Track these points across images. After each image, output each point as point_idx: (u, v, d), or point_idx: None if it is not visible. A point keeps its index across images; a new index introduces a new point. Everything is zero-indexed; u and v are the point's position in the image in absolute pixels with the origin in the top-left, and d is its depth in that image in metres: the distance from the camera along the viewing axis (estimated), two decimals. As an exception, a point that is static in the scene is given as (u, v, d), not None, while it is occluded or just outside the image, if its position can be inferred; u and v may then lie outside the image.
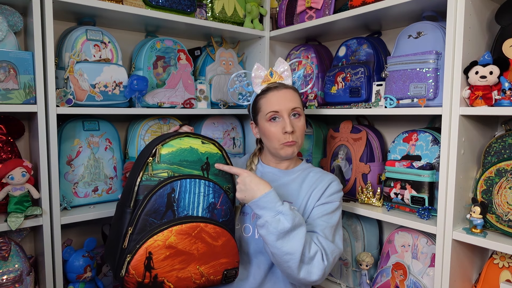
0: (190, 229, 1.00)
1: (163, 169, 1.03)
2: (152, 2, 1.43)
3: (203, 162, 1.09)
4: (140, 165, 1.02)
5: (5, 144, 1.27)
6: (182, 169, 1.06)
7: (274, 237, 1.02)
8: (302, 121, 1.24)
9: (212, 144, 1.11)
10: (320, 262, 1.05)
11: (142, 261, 0.95)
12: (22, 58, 1.17)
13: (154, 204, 0.99)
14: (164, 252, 0.97)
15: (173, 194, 1.01)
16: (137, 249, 0.95)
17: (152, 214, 0.98)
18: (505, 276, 1.19)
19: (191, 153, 1.07)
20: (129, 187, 1.03)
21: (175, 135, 1.07)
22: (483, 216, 1.14)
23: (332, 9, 1.54)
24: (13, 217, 1.16)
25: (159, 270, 0.97)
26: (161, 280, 0.98)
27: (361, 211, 1.41)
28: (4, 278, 1.17)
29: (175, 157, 1.05)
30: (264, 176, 1.27)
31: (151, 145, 1.06)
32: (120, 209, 1.05)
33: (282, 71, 1.26)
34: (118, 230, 1.01)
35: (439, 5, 1.24)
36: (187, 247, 1.00)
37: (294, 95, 1.24)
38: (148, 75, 1.46)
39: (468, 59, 1.15)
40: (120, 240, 0.99)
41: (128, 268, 0.94)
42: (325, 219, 1.15)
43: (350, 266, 1.54)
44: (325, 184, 1.21)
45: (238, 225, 1.22)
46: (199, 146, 1.09)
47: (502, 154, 1.22)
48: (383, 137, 1.64)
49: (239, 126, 1.83)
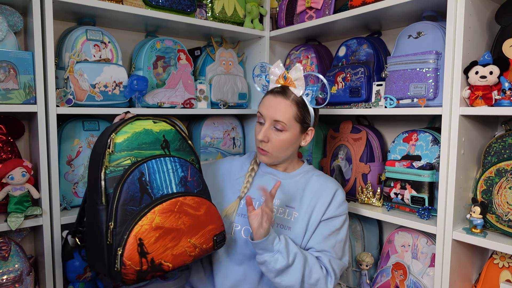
0: (171, 205, 1.00)
1: (124, 157, 1.01)
2: (152, 2, 1.43)
3: (161, 141, 1.09)
4: (99, 160, 0.99)
5: (5, 144, 1.27)
6: (143, 152, 1.05)
7: (273, 275, 1.07)
8: (284, 136, 1.17)
9: (164, 122, 1.11)
10: (323, 287, 1.10)
11: (135, 249, 0.94)
12: (22, 58, 1.17)
13: (128, 192, 0.97)
14: (153, 235, 0.96)
15: (144, 177, 1.00)
16: (126, 239, 0.93)
17: (129, 202, 0.97)
18: (505, 276, 1.19)
19: (146, 135, 1.06)
20: (93, 185, 1.00)
21: (125, 122, 1.05)
22: (483, 216, 1.14)
23: (332, 9, 1.54)
24: (13, 217, 1.16)
25: (153, 253, 0.96)
26: (159, 262, 0.97)
27: (361, 211, 1.41)
28: (4, 278, 1.17)
29: (132, 142, 1.03)
30: (264, 177, 1.27)
31: (103, 137, 1.03)
32: (90, 210, 1.01)
33: (295, 78, 1.17)
34: (96, 231, 0.98)
35: (439, 5, 1.24)
36: (174, 223, 1.00)
37: (288, 108, 1.16)
38: (148, 75, 1.46)
39: (468, 59, 1.15)
40: (102, 239, 0.96)
41: (122, 261, 0.92)
42: (334, 236, 1.17)
43: (350, 266, 1.54)
44: (329, 194, 1.19)
45: (238, 227, 1.20)
46: (153, 126, 1.08)
47: (502, 154, 1.22)
48: (383, 137, 1.64)
49: (239, 126, 1.83)
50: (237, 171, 1.32)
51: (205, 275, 1.26)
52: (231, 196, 1.25)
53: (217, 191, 1.28)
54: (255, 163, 1.30)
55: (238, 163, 1.35)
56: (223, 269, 1.21)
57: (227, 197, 1.25)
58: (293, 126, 1.17)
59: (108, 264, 0.96)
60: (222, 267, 1.21)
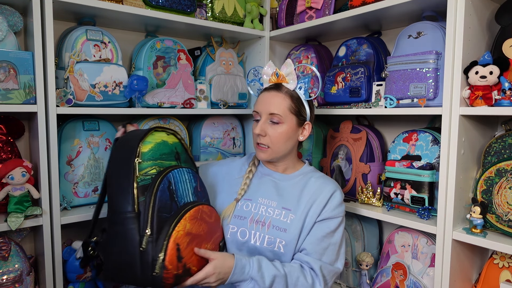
0: (195, 212, 1.05)
1: (151, 167, 1.05)
2: (152, 2, 1.43)
3: (175, 152, 1.13)
4: (130, 168, 1.02)
5: (5, 144, 1.27)
6: (164, 163, 1.09)
7: None
8: (281, 129, 1.17)
9: (173, 135, 1.16)
10: None
11: (175, 254, 0.97)
12: (22, 58, 1.17)
13: (162, 200, 1.01)
14: (186, 240, 1.00)
15: (171, 186, 1.04)
16: (166, 245, 0.97)
17: (163, 210, 1.01)
18: (505, 276, 1.19)
19: (165, 146, 1.10)
20: (124, 193, 1.01)
21: (148, 131, 1.09)
22: (483, 216, 1.14)
23: (332, 9, 1.54)
24: (13, 217, 1.16)
25: (186, 258, 1.00)
26: (189, 267, 1.01)
27: (361, 211, 1.41)
28: (4, 278, 1.17)
29: (155, 152, 1.07)
30: (262, 179, 1.26)
31: (130, 145, 1.05)
32: (118, 218, 1.00)
33: (287, 74, 1.20)
34: (125, 239, 0.98)
35: (439, 5, 1.24)
36: (197, 229, 1.05)
37: (282, 100, 1.17)
38: (148, 75, 1.46)
39: (468, 59, 1.15)
40: (133, 247, 0.97)
41: (164, 265, 0.96)
42: (327, 239, 1.14)
43: (350, 266, 1.54)
44: (326, 195, 1.17)
45: (234, 228, 1.19)
46: (167, 138, 1.13)
47: (502, 154, 1.22)
48: (383, 137, 1.64)
49: (239, 126, 1.83)
50: (236, 172, 1.31)
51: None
52: (229, 198, 1.24)
53: (216, 193, 1.28)
54: (253, 165, 1.29)
55: (238, 164, 1.34)
56: None
57: (225, 199, 1.25)
58: (289, 118, 1.18)
59: (142, 272, 0.97)
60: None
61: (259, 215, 1.18)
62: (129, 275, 0.99)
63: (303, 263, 1.12)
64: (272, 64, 1.24)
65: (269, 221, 1.17)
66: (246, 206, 1.21)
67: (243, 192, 1.23)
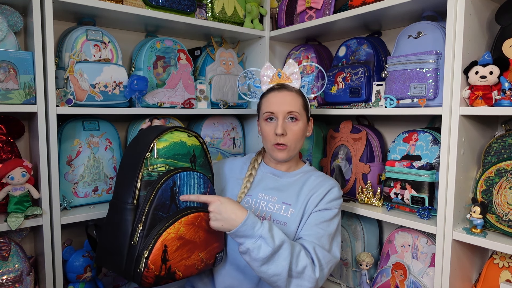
0: (194, 218, 1.04)
1: (160, 164, 1.06)
2: (152, 2, 1.43)
3: (191, 154, 1.13)
4: (139, 161, 1.03)
5: (5, 144, 1.27)
6: (176, 163, 1.09)
7: (258, 263, 1.01)
8: (298, 125, 1.21)
9: (195, 137, 1.16)
10: (310, 275, 1.03)
11: (160, 254, 0.97)
12: (22, 58, 1.17)
13: (161, 199, 1.01)
14: (176, 244, 1.00)
15: (175, 187, 1.04)
16: (153, 243, 0.97)
17: (160, 208, 1.01)
18: (505, 276, 1.19)
19: (181, 146, 1.11)
20: (128, 183, 1.02)
21: (167, 129, 1.09)
22: (483, 216, 1.14)
23: (332, 9, 1.54)
24: (13, 217, 1.16)
25: (172, 261, 1.00)
26: (174, 271, 1.01)
27: (361, 211, 1.41)
28: (4, 278, 1.17)
29: (169, 151, 1.08)
30: (264, 177, 1.27)
31: (146, 139, 1.06)
32: (118, 206, 1.03)
33: (290, 73, 1.25)
34: (119, 229, 1.00)
35: (439, 5, 1.24)
36: (192, 236, 1.04)
37: (295, 98, 1.22)
38: (148, 75, 1.46)
39: (468, 59, 1.15)
40: (125, 239, 0.99)
41: (147, 263, 0.96)
42: (322, 227, 1.13)
43: (350, 266, 1.54)
44: (325, 189, 1.19)
45: None
46: (187, 139, 1.13)
47: (502, 154, 1.22)
48: (383, 137, 1.64)
49: (239, 126, 1.83)
50: (238, 171, 1.33)
51: (205, 275, 1.27)
52: (230, 197, 1.25)
53: (219, 192, 1.29)
54: (253, 168, 1.30)
55: (239, 164, 1.36)
56: (223, 269, 1.21)
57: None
58: (303, 115, 1.23)
59: (127, 264, 0.98)
60: (222, 267, 1.21)
61: (259, 210, 1.20)
62: (115, 264, 1.01)
63: None
64: (270, 65, 1.27)
65: (270, 216, 1.19)
66: (247, 202, 1.23)
67: (243, 196, 1.25)
